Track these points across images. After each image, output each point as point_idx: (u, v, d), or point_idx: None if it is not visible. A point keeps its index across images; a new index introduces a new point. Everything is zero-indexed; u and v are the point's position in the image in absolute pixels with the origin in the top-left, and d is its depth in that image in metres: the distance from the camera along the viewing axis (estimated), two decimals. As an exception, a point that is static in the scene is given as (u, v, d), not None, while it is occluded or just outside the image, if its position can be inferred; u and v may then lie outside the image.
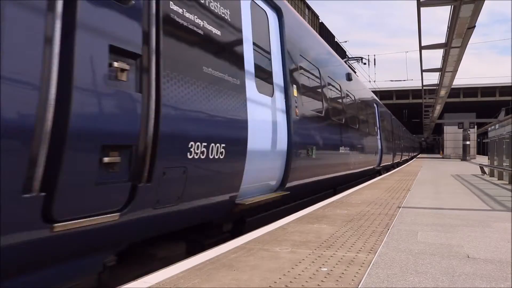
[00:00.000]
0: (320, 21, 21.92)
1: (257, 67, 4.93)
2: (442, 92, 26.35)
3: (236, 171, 4.27)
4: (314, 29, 11.10)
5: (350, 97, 11.30)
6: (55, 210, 2.31)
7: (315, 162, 6.92)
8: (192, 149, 3.41)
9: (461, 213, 5.53)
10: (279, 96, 5.57)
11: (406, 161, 33.40)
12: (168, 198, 3.23)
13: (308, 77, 7.15)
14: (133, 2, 2.81)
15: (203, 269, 2.79)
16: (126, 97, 2.72)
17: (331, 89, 8.89)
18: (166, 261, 3.58)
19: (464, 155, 32.50)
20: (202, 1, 3.76)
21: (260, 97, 4.92)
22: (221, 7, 4.10)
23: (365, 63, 18.23)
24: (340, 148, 9.14)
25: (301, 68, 6.68)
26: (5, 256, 2.13)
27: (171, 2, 3.25)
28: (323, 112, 7.78)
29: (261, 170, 5.02)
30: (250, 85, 4.64)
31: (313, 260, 3.04)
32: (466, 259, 3.14)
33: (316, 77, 7.73)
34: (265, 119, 5.03)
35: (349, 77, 11.47)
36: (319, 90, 7.84)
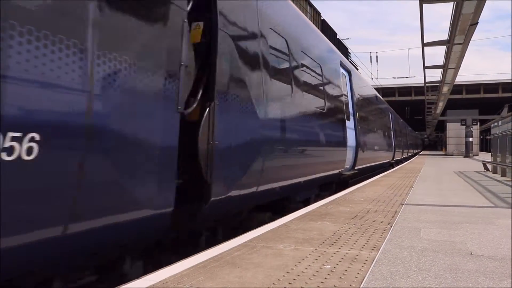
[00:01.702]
0: (322, 18, 21.84)
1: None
2: (445, 89, 26.28)
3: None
4: (316, 25, 11.20)
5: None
6: None
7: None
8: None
9: (464, 210, 5.53)
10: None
11: (410, 157, 33.33)
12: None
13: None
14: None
15: (207, 267, 2.80)
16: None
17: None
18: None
19: (467, 152, 32.40)
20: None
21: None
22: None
23: None
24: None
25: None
26: None
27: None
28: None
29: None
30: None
31: (316, 258, 3.05)
32: (469, 256, 3.14)
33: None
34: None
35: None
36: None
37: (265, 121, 4.98)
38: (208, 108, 3.82)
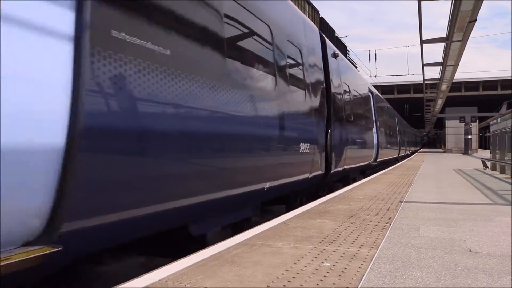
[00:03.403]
0: (320, 16, 21.81)
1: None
2: (443, 86, 26.29)
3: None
4: (314, 24, 11.14)
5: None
6: None
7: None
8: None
9: (463, 207, 5.54)
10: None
11: (407, 155, 33.34)
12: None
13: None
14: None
15: (206, 265, 2.80)
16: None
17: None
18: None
19: (466, 149, 32.43)
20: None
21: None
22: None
23: None
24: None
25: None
26: None
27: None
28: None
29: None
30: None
31: (316, 256, 3.05)
32: (468, 253, 3.14)
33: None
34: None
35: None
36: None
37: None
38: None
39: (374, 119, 15.35)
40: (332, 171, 8.08)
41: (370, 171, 14.84)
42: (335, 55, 9.26)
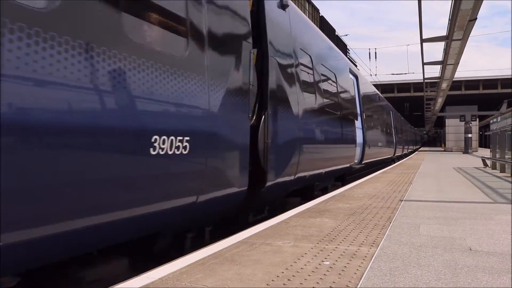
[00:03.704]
0: (320, 15, 21.79)
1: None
2: (444, 85, 26.28)
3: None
4: (314, 22, 11.07)
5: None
6: None
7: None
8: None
9: (463, 206, 5.54)
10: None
11: (406, 155, 33.33)
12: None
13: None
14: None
15: (206, 264, 2.80)
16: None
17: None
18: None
19: (466, 148, 32.42)
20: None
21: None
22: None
23: None
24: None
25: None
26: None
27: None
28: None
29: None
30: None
31: (316, 254, 3.05)
32: (468, 252, 3.14)
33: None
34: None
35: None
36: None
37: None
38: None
39: (358, 110, 11.86)
40: (269, 184, 5.05)
41: (359, 175, 12.27)
42: (282, 5, 5.96)
